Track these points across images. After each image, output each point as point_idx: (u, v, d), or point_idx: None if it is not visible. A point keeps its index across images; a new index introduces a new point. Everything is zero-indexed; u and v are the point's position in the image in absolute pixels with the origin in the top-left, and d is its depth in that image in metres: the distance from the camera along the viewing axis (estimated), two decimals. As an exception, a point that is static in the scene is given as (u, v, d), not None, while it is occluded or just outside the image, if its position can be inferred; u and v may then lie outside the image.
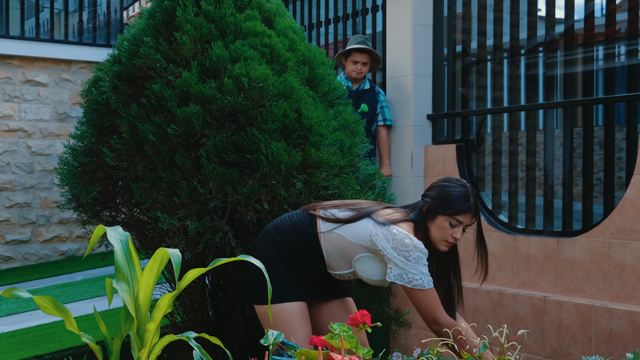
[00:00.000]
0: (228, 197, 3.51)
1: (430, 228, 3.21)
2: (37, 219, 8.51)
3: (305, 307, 3.27)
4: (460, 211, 3.18)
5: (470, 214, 3.20)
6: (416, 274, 3.11)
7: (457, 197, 3.19)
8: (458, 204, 3.18)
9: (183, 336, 2.48)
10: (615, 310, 4.30)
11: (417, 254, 3.11)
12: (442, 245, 3.23)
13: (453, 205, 3.18)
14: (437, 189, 3.26)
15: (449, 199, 3.19)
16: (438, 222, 3.19)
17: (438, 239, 3.22)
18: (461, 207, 3.18)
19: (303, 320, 3.22)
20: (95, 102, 3.94)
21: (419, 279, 3.12)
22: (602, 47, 6.58)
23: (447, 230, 3.19)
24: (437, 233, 3.21)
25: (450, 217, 3.18)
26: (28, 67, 8.47)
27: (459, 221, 3.19)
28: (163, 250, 2.46)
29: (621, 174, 8.96)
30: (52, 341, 4.85)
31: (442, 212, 3.18)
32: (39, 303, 2.43)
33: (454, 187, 3.22)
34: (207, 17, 3.76)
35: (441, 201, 3.20)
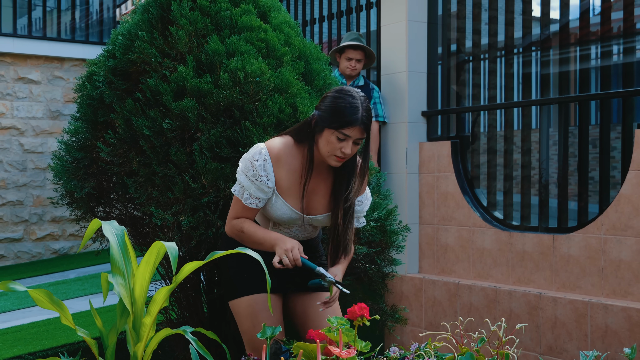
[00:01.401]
0: (220, 192, 3.50)
1: (319, 142, 2.98)
2: (30, 217, 8.48)
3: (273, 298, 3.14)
4: (346, 124, 2.90)
5: (358, 126, 2.92)
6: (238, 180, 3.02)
7: (344, 108, 2.92)
8: (345, 116, 2.91)
9: (179, 330, 2.46)
10: (611, 307, 4.29)
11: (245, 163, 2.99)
12: (332, 160, 2.97)
13: (340, 118, 2.91)
14: (327, 100, 3.00)
15: (336, 111, 2.93)
16: (325, 135, 2.94)
17: (327, 154, 2.96)
18: (348, 119, 2.90)
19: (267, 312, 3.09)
20: (89, 97, 3.92)
21: (236, 185, 3.03)
22: (596, 45, 6.59)
23: (334, 144, 2.93)
24: (325, 147, 2.96)
25: (336, 130, 2.92)
26: (20, 64, 8.44)
27: (346, 135, 2.92)
28: (159, 244, 2.44)
29: (614, 173, 8.98)
30: (45, 338, 4.83)
31: (328, 125, 2.92)
32: (34, 297, 2.41)
33: (342, 98, 2.95)
34: (203, 12, 3.75)
35: (328, 113, 2.94)
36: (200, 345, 2.41)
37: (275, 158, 2.99)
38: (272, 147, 3.00)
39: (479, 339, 2.76)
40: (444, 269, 5.46)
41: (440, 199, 5.50)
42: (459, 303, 5.15)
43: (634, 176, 4.30)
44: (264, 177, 2.98)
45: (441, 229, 5.48)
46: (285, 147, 3.02)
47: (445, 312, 5.28)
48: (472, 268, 5.24)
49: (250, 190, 2.99)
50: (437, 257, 5.52)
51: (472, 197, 5.36)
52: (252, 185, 2.99)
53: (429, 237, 5.57)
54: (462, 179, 5.41)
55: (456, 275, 5.37)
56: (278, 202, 3.03)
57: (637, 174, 4.28)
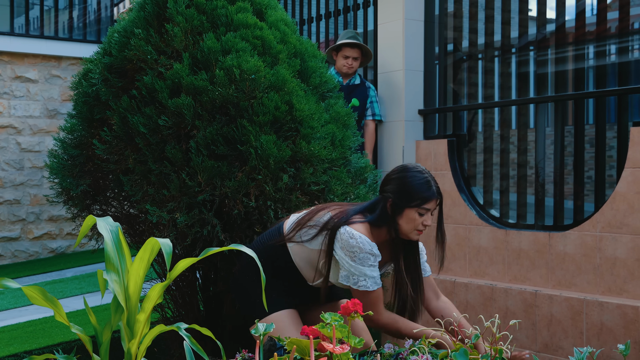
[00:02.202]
0: (216, 190, 3.50)
1: (400, 223, 3.15)
2: (27, 216, 8.47)
3: (295, 314, 3.27)
4: (426, 200, 3.12)
5: (435, 199, 3.15)
6: (360, 275, 3.09)
7: (419, 185, 3.13)
8: (422, 192, 3.12)
9: (174, 326, 2.46)
10: (607, 304, 4.30)
11: (362, 255, 3.07)
12: (414, 235, 3.18)
13: (418, 196, 3.12)
14: (396, 182, 3.19)
15: (412, 191, 3.13)
16: (406, 215, 3.14)
17: (410, 231, 3.16)
18: (426, 195, 3.12)
19: (294, 326, 3.21)
20: (85, 95, 3.92)
21: (363, 280, 3.10)
22: (593, 45, 6.60)
23: (417, 221, 3.14)
24: (407, 226, 3.15)
25: (417, 207, 3.12)
26: (18, 63, 8.43)
27: (427, 209, 3.14)
28: (153, 240, 2.44)
29: (611, 172, 8.99)
30: (41, 336, 4.82)
31: (408, 205, 3.13)
32: (27, 293, 2.41)
33: (413, 177, 3.16)
34: (199, 9, 3.75)
35: (404, 194, 3.14)
36: (194, 341, 2.42)
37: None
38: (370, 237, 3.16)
39: (474, 335, 2.77)
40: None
41: (436, 198, 5.50)
42: (455, 301, 5.15)
43: (630, 174, 4.30)
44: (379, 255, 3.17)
45: (437, 227, 5.48)
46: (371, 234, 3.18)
47: (441, 310, 5.28)
48: (468, 266, 5.25)
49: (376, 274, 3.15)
50: (433, 255, 5.51)
51: (469, 195, 5.37)
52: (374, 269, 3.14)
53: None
54: (459, 177, 5.41)
55: (452, 273, 5.37)
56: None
57: (633, 172, 4.29)
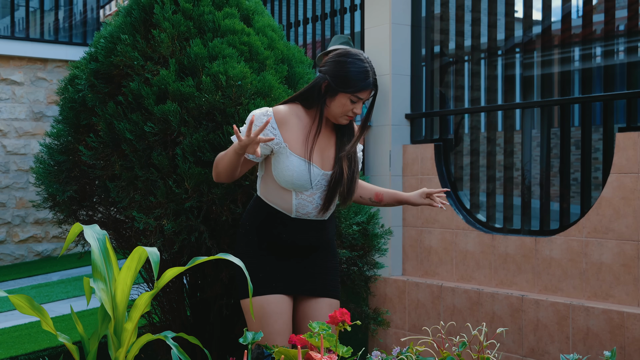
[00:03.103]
0: (204, 197, 3.49)
1: (330, 105, 3.15)
2: (13, 219, 8.43)
3: (285, 301, 3.20)
4: (361, 88, 3.11)
5: (370, 89, 3.14)
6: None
7: (357, 73, 3.12)
8: (359, 81, 3.11)
9: (161, 335, 2.45)
10: (592, 309, 4.32)
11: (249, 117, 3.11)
12: (342, 119, 3.18)
13: (354, 83, 3.11)
14: (336, 65, 3.16)
15: (350, 77, 3.11)
16: (338, 99, 3.13)
17: (339, 115, 3.16)
18: (362, 84, 3.11)
19: (279, 316, 3.16)
20: (71, 100, 3.90)
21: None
22: (578, 48, 6.63)
23: (347, 106, 3.13)
24: (338, 109, 3.14)
25: (351, 94, 3.12)
26: (3, 65, 8.39)
27: (360, 98, 3.13)
28: (141, 249, 2.44)
29: (597, 174, 9.03)
30: (27, 342, 4.80)
31: (342, 89, 3.11)
32: (14, 302, 2.39)
33: (353, 63, 3.14)
34: (185, 15, 3.74)
35: (342, 79, 3.12)
36: (181, 351, 2.41)
37: (281, 120, 3.14)
38: (278, 110, 3.15)
39: (460, 343, 2.77)
40: (427, 271, 5.47)
41: (423, 202, 5.51)
42: (442, 305, 5.17)
43: (615, 179, 4.33)
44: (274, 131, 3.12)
45: (425, 231, 5.50)
46: (292, 110, 3.18)
47: (428, 314, 5.29)
48: (455, 270, 5.26)
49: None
50: (420, 259, 5.53)
51: (456, 200, 5.38)
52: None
53: (413, 239, 5.58)
54: (446, 182, 5.43)
55: (439, 278, 5.38)
56: (290, 158, 3.13)
57: (618, 177, 4.31)
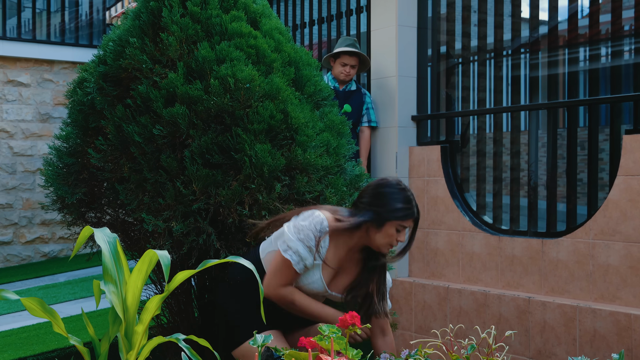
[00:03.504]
0: (211, 199, 3.51)
1: (375, 236, 3.20)
2: (19, 220, 8.45)
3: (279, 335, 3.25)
4: (408, 216, 3.20)
5: (413, 218, 3.23)
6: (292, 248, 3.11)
7: (402, 202, 3.20)
8: (405, 209, 3.19)
9: (172, 338, 2.47)
10: (599, 311, 4.33)
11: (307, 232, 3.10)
12: (385, 248, 3.24)
13: (401, 212, 3.18)
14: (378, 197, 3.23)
15: (395, 207, 3.19)
16: (385, 229, 3.18)
17: (383, 245, 3.21)
18: (409, 212, 3.19)
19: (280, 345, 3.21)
20: (80, 103, 3.92)
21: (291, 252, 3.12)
22: (585, 48, 6.63)
23: (393, 236, 3.20)
24: (383, 239, 3.20)
25: (396, 223, 3.18)
26: (10, 67, 8.41)
27: (404, 226, 3.21)
28: (152, 252, 2.45)
29: (602, 175, 9.03)
30: (35, 343, 4.82)
31: (389, 219, 3.18)
32: (26, 305, 2.41)
33: (396, 193, 3.22)
34: (193, 18, 3.75)
35: (387, 210, 3.19)
36: (193, 353, 2.42)
37: (333, 235, 3.18)
38: (332, 225, 3.17)
39: (469, 345, 2.78)
40: (433, 272, 5.48)
41: (430, 203, 5.52)
42: (449, 307, 5.18)
43: (622, 182, 4.33)
44: (323, 249, 3.17)
45: (431, 233, 5.51)
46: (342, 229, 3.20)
47: (435, 315, 5.30)
48: (461, 272, 5.27)
49: (307, 260, 3.15)
50: (426, 261, 5.54)
51: (462, 202, 5.39)
52: (309, 255, 3.14)
53: (419, 241, 5.59)
54: (452, 184, 5.44)
55: (446, 279, 5.39)
56: (316, 273, 3.20)
57: (625, 180, 4.32)
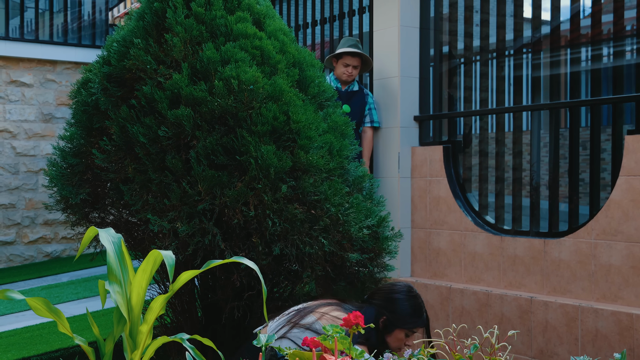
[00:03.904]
0: (216, 200, 3.52)
1: (388, 339, 3.35)
2: (22, 220, 8.47)
3: None
4: (417, 325, 3.37)
5: (424, 326, 3.41)
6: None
7: (414, 311, 3.37)
8: (416, 317, 3.37)
9: (176, 337, 2.48)
10: (601, 311, 4.34)
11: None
12: (397, 350, 3.36)
13: (411, 320, 3.35)
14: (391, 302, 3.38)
15: (407, 314, 3.35)
16: (395, 334, 3.34)
17: (395, 347, 3.36)
18: (418, 321, 3.37)
19: None
20: (84, 104, 3.94)
21: None
22: (587, 48, 6.64)
23: (402, 340, 3.35)
24: (395, 344, 3.35)
25: (408, 330, 3.35)
26: (13, 67, 8.43)
27: (414, 332, 3.38)
28: (156, 252, 2.46)
29: (604, 175, 9.05)
30: (39, 343, 4.84)
31: (400, 326, 3.34)
32: (31, 305, 2.42)
33: (409, 300, 3.38)
34: (198, 19, 3.77)
35: (398, 316, 3.34)
36: (197, 353, 2.44)
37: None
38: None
39: (472, 345, 2.80)
40: (436, 272, 5.50)
41: (432, 203, 5.53)
42: (451, 306, 5.19)
43: (624, 182, 4.34)
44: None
45: (433, 233, 5.52)
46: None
47: (437, 315, 5.31)
48: (464, 272, 5.28)
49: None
50: (429, 260, 5.55)
51: (464, 202, 5.40)
52: None
53: (421, 241, 5.60)
54: (454, 184, 5.45)
55: (448, 279, 5.41)
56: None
57: (627, 180, 4.33)
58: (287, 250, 3.55)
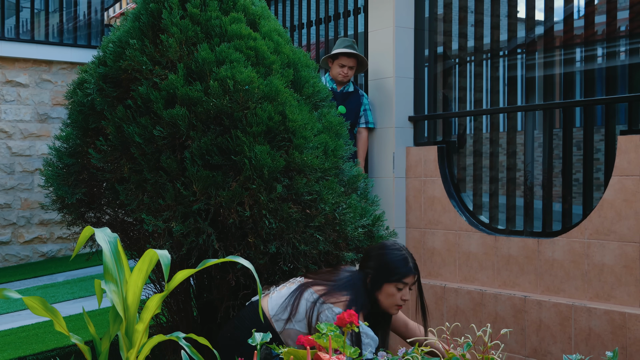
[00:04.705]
0: (211, 200, 3.54)
1: (379, 298, 3.30)
2: (18, 220, 8.48)
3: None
4: (404, 275, 3.30)
5: (412, 275, 3.32)
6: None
7: (397, 262, 3.31)
8: (400, 268, 3.30)
9: (172, 336, 2.50)
10: (594, 310, 4.37)
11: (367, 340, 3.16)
12: (393, 309, 3.34)
13: (396, 271, 3.29)
14: (375, 258, 3.36)
15: (390, 267, 3.29)
16: (385, 290, 3.29)
17: (390, 306, 3.31)
18: (404, 270, 3.30)
19: None
20: (80, 104, 3.95)
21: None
22: (581, 49, 6.67)
23: (395, 296, 3.30)
24: (387, 301, 3.30)
25: (396, 282, 3.29)
26: (8, 67, 8.44)
27: (405, 283, 3.30)
28: (152, 252, 2.48)
29: (598, 175, 9.09)
30: (35, 342, 4.85)
31: (387, 280, 3.29)
32: (28, 304, 2.45)
33: (391, 253, 3.34)
34: (193, 20, 3.78)
35: (383, 270, 3.30)
36: (194, 351, 2.46)
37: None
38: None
39: (465, 343, 2.82)
40: (430, 272, 5.52)
41: (427, 203, 5.56)
42: (446, 306, 5.22)
43: (617, 182, 4.37)
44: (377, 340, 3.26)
45: (428, 232, 5.55)
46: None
47: (431, 314, 5.34)
48: (458, 271, 5.31)
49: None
50: (423, 260, 5.58)
51: (459, 201, 5.43)
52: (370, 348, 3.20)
53: (416, 240, 5.63)
54: (449, 184, 5.47)
55: (442, 279, 5.43)
56: None
57: (620, 180, 4.36)
58: (283, 249, 3.57)
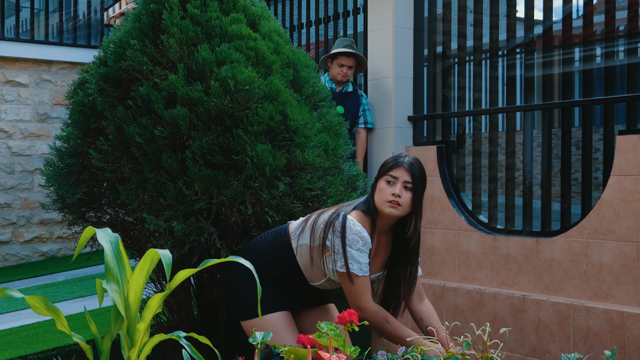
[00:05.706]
0: (213, 199, 3.56)
1: (376, 197, 3.21)
2: (18, 219, 8.49)
3: (289, 316, 3.35)
4: (392, 166, 3.19)
5: (402, 167, 3.18)
6: (348, 258, 3.15)
7: (389, 159, 3.24)
8: (389, 162, 3.22)
9: (173, 335, 2.52)
10: (593, 309, 4.38)
11: (351, 235, 3.13)
12: (386, 207, 3.18)
13: (386, 165, 3.22)
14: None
15: (383, 163, 3.25)
16: (378, 187, 3.20)
17: (381, 202, 3.18)
18: (392, 162, 3.20)
19: (290, 328, 3.30)
20: (81, 104, 3.97)
21: (350, 264, 3.15)
22: (580, 49, 6.69)
23: (385, 190, 3.17)
24: (378, 197, 3.19)
25: (384, 175, 3.19)
26: (8, 67, 8.45)
27: (394, 176, 3.18)
28: (153, 251, 2.50)
29: (597, 174, 9.10)
30: (36, 341, 4.86)
31: (378, 177, 3.22)
32: (30, 303, 2.46)
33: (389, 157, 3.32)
34: (193, 20, 3.80)
35: (378, 169, 3.26)
36: (194, 351, 2.47)
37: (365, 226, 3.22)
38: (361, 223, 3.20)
39: (465, 342, 2.84)
40: (430, 271, 5.54)
41: (426, 203, 5.57)
42: (445, 305, 5.23)
43: (615, 181, 4.39)
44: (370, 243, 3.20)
45: (427, 232, 5.56)
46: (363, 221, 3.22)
47: (431, 313, 5.35)
48: (457, 271, 5.32)
49: (365, 261, 3.18)
50: (423, 260, 5.59)
51: (458, 201, 5.44)
52: (364, 255, 3.17)
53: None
54: (448, 183, 5.49)
55: (442, 278, 5.45)
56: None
57: (618, 180, 4.38)
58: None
